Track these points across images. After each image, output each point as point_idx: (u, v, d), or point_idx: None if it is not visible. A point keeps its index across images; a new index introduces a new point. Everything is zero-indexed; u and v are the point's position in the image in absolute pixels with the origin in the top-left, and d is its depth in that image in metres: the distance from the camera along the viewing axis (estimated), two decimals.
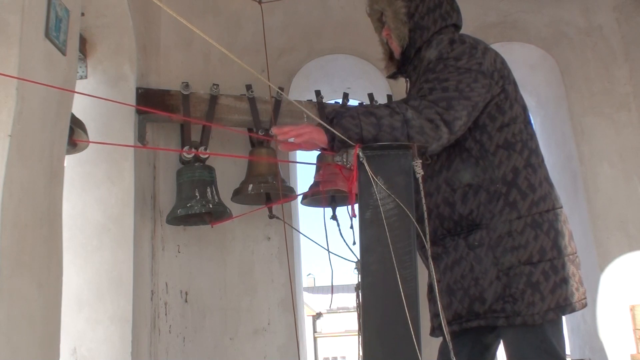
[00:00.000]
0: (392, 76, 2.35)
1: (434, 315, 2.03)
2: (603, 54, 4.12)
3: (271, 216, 3.36)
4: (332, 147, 1.85)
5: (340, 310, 28.70)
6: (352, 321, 20.03)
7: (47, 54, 2.02)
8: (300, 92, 4.01)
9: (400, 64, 2.25)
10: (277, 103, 3.45)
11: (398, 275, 1.61)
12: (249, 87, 3.42)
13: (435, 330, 2.04)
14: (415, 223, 1.68)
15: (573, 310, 1.92)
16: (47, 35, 2.01)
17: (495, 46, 3.94)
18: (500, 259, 1.92)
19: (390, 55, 2.30)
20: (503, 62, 2.08)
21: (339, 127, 1.82)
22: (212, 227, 3.23)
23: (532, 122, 2.15)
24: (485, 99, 1.97)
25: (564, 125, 4.12)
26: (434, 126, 1.84)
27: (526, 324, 1.89)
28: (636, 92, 4.03)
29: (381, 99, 3.78)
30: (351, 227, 1.80)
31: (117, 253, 2.92)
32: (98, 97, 2.78)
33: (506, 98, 2.03)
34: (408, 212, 1.66)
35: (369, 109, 1.87)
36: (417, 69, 2.17)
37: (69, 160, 2.85)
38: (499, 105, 2.02)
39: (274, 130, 1.91)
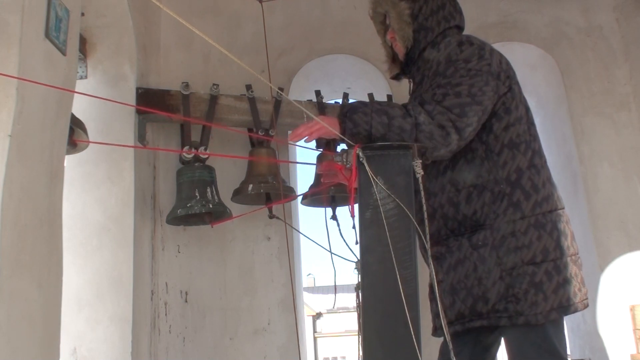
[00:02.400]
0: (396, 77, 2.36)
1: (436, 316, 2.03)
2: (603, 54, 4.12)
3: (271, 216, 3.36)
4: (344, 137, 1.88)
5: (340, 310, 28.70)
6: (352, 321, 20.04)
7: (47, 54, 2.02)
8: (300, 92, 4.01)
9: (404, 65, 2.26)
10: (277, 103, 3.45)
11: (398, 275, 1.61)
12: (249, 87, 3.42)
13: (438, 330, 2.04)
14: (416, 224, 1.68)
15: (575, 310, 1.93)
16: (47, 35, 2.01)
17: (495, 46, 3.90)
18: (504, 259, 1.92)
19: (393, 57, 2.31)
20: (508, 63, 2.10)
21: (350, 121, 1.85)
22: (212, 227, 3.23)
23: (535, 123, 2.16)
24: (493, 101, 1.98)
25: (564, 125, 4.12)
26: (445, 133, 1.86)
27: (529, 324, 1.89)
28: (636, 92, 4.02)
29: (381, 99, 3.78)
30: (353, 227, 1.80)
31: (117, 253, 2.92)
32: (98, 97, 2.78)
33: (513, 98, 2.05)
34: (408, 212, 1.66)
35: (384, 107, 1.90)
36: (421, 69, 2.18)
37: (69, 160, 2.85)
38: (505, 104, 2.03)
39: (291, 138, 1.97)
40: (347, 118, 1.87)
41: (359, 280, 1.69)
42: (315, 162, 3.52)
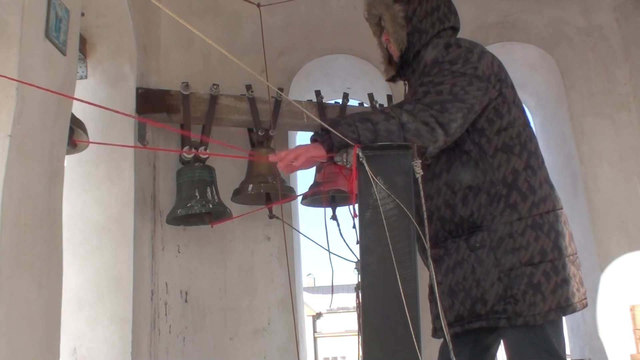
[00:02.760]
0: (392, 79, 2.36)
1: (436, 317, 2.03)
2: (603, 54, 4.12)
3: (271, 216, 3.36)
4: (332, 158, 1.86)
5: (340, 310, 28.71)
6: (352, 321, 20.04)
7: (47, 54, 2.02)
8: (300, 92, 4.01)
9: (399, 67, 2.26)
10: (277, 103, 3.45)
11: (398, 275, 1.61)
12: (249, 87, 3.42)
13: (438, 332, 2.04)
14: (415, 224, 1.68)
15: (574, 310, 1.93)
16: (47, 35, 2.01)
17: (495, 46, 3.97)
18: (502, 260, 1.92)
19: (389, 59, 2.31)
20: (500, 65, 2.09)
21: (336, 136, 1.82)
22: (212, 227, 3.23)
23: (532, 123, 2.15)
24: (482, 102, 1.97)
25: (564, 125, 4.12)
26: (430, 129, 1.85)
27: (527, 325, 1.89)
28: (636, 92, 4.02)
29: (381, 100, 3.78)
30: (353, 226, 1.80)
31: (117, 253, 2.92)
32: (96, 105, 2.76)
33: (504, 102, 2.04)
34: (408, 212, 1.66)
35: (364, 116, 1.88)
36: (416, 72, 2.17)
37: (69, 160, 2.85)
38: (496, 109, 2.02)
39: (271, 159, 1.93)
40: (331, 134, 1.83)
41: (359, 280, 1.69)
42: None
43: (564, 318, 1.99)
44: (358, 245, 1.72)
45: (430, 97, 1.91)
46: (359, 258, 1.70)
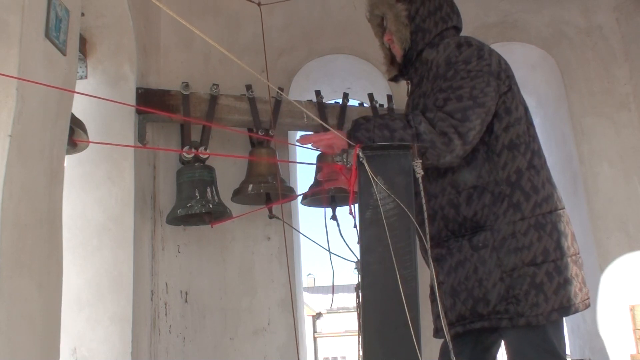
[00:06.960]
0: (394, 79, 2.37)
1: (437, 317, 2.03)
2: (603, 54, 4.12)
3: (271, 216, 3.36)
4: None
5: (340, 310, 28.70)
6: (352, 321, 20.03)
7: (47, 54, 2.02)
8: (300, 92, 4.01)
9: (402, 67, 2.27)
10: (277, 103, 3.45)
11: (398, 275, 1.61)
12: (249, 87, 3.42)
13: (439, 332, 2.04)
14: (416, 223, 1.68)
15: (576, 310, 1.93)
16: (47, 35, 2.01)
17: (495, 46, 3.94)
18: (504, 261, 1.92)
19: (391, 59, 2.32)
20: (506, 63, 2.11)
21: (354, 139, 1.88)
22: (212, 227, 3.23)
23: (534, 123, 2.16)
24: (495, 101, 1.99)
25: (564, 125, 4.12)
26: (447, 140, 1.87)
27: (529, 325, 1.89)
28: (636, 92, 4.02)
29: (381, 99, 3.79)
30: (355, 226, 1.80)
31: (117, 253, 2.92)
32: (98, 97, 2.77)
33: (513, 97, 2.05)
34: (408, 212, 1.66)
35: (386, 121, 1.92)
36: (419, 71, 2.19)
37: (69, 160, 2.84)
38: (505, 104, 2.03)
39: (299, 141, 2.01)
40: (350, 136, 1.91)
41: (359, 280, 1.69)
42: (315, 162, 3.52)
43: (564, 318, 1.99)
44: (358, 245, 1.72)
45: (451, 104, 1.92)
46: (359, 258, 1.70)
